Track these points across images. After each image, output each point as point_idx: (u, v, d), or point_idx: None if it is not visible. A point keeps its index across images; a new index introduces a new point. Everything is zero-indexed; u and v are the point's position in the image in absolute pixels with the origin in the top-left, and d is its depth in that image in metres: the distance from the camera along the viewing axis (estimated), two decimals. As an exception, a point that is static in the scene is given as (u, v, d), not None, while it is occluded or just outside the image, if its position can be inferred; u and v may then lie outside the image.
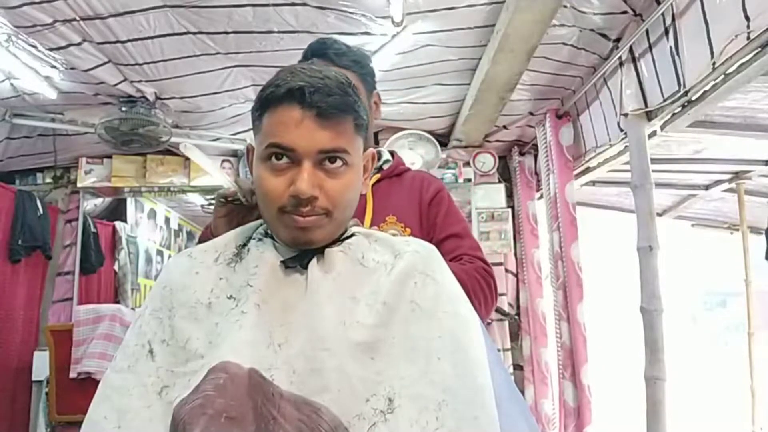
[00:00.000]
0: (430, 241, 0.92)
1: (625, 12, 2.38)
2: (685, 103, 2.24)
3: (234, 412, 0.61)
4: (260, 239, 0.82)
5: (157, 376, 0.70)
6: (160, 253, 5.29)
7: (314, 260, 0.77)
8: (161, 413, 0.67)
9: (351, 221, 0.84)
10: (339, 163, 0.75)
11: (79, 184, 3.66)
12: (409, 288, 0.74)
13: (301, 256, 0.78)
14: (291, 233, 0.76)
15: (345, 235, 0.82)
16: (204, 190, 3.98)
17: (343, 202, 0.77)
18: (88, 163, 3.67)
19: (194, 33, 2.45)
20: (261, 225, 0.85)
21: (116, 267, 4.44)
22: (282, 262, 0.77)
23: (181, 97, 3.05)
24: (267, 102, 0.76)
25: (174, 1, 2.23)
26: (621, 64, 2.52)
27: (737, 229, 4.23)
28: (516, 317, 3.73)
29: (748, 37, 1.71)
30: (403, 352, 0.69)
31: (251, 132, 0.84)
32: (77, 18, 2.27)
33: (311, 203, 0.74)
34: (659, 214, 4.22)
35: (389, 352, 0.69)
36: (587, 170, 3.32)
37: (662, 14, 2.12)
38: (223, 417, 0.61)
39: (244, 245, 0.81)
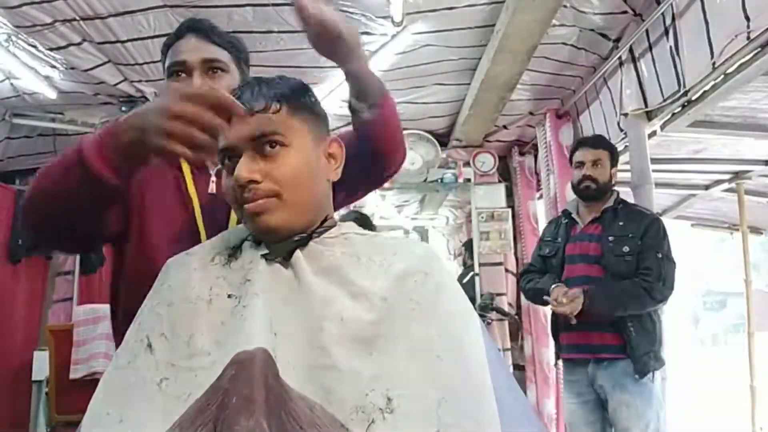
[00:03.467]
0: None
1: (625, 12, 2.39)
2: (685, 103, 2.24)
3: (246, 390, 0.62)
4: (255, 240, 0.82)
5: (156, 368, 0.71)
6: (160, 253, 5.29)
7: (301, 255, 0.77)
8: (161, 405, 0.68)
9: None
10: (276, 146, 0.77)
11: (79, 184, 3.66)
12: (408, 286, 0.74)
13: (279, 248, 0.78)
14: (251, 224, 0.78)
15: (325, 226, 0.82)
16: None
17: (290, 182, 0.77)
18: (88, 163, 3.67)
19: (194, 33, 2.46)
20: None
21: (116, 267, 4.44)
22: (262, 255, 0.78)
23: (181, 97, 3.04)
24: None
25: (174, 1, 2.23)
26: (621, 64, 2.52)
27: (737, 229, 4.23)
28: (516, 317, 3.73)
29: (748, 37, 1.71)
30: (403, 351, 0.69)
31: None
32: (77, 18, 2.27)
33: (252, 187, 0.76)
34: (659, 214, 4.22)
35: (388, 349, 0.70)
36: (587, 170, 3.32)
37: (662, 14, 2.13)
38: (234, 398, 0.62)
39: (239, 246, 0.83)
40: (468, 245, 4.33)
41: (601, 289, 2.01)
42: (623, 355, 1.97)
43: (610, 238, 2.06)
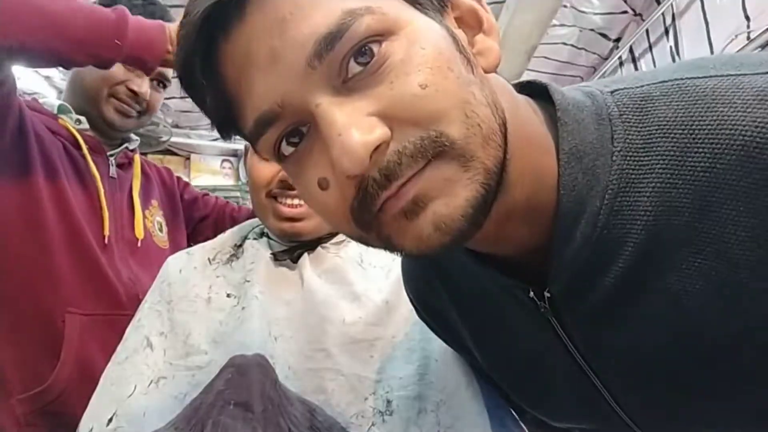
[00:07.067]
0: None
1: (625, 12, 2.39)
2: (685, 103, 2.24)
3: (241, 398, 0.62)
4: (256, 238, 0.82)
5: (155, 366, 0.71)
6: (160, 252, 5.28)
7: (308, 258, 0.78)
8: (157, 402, 0.68)
9: None
10: None
11: (79, 184, 3.65)
12: (407, 289, 0.75)
13: (291, 249, 0.78)
14: (280, 223, 0.78)
15: (335, 233, 0.82)
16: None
17: None
18: (88, 163, 3.66)
19: (194, 33, 2.45)
20: (258, 225, 0.86)
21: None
22: (272, 254, 0.78)
23: (181, 97, 3.01)
24: None
25: (174, 1, 2.23)
26: (621, 64, 2.52)
27: (737, 229, 4.23)
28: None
29: (748, 37, 1.71)
30: (401, 353, 0.70)
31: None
32: (77, 18, 2.27)
33: (292, 193, 0.76)
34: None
35: (387, 352, 0.70)
36: (587, 170, 3.32)
37: (662, 14, 2.13)
38: (232, 404, 0.62)
39: (240, 245, 0.82)
40: None
41: None
42: None
43: None
